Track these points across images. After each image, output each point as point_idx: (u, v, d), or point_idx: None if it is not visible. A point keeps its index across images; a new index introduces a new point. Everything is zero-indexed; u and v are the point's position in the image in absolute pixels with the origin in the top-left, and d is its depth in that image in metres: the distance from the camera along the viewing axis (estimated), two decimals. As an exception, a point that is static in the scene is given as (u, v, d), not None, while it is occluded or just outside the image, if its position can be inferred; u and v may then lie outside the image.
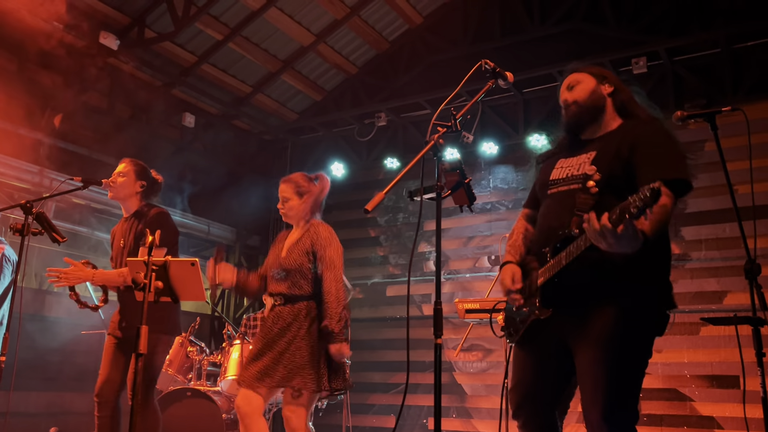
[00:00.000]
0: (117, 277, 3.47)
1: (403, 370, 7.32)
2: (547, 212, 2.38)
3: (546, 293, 2.24)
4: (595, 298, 2.17)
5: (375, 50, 8.10)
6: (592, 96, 2.41)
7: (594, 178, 2.18)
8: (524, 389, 2.38)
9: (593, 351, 2.14)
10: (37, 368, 5.78)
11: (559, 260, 2.17)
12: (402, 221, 7.86)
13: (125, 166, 3.76)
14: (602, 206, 2.07)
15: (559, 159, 2.46)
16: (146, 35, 6.60)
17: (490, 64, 2.40)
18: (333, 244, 3.36)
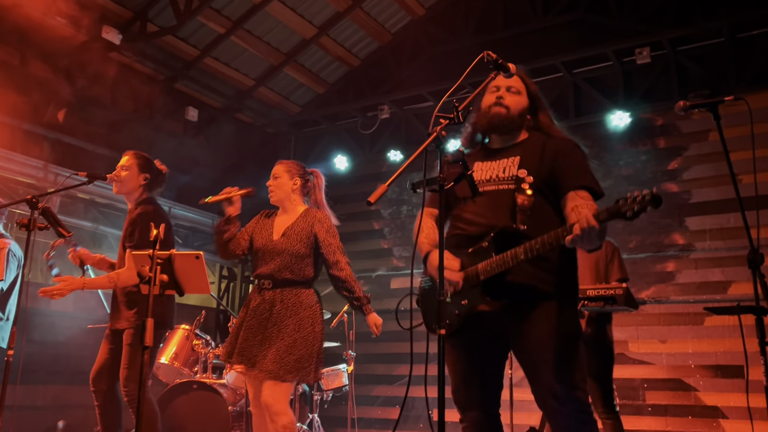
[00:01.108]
0: (107, 283, 3.51)
1: (407, 362, 7.35)
2: (474, 210, 2.42)
3: (491, 286, 2.30)
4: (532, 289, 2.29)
5: (377, 42, 8.09)
6: (520, 113, 2.52)
7: (527, 180, 2.36)
8: (465, 390, 2.40)
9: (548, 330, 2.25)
10: (43, 362, 5.82)
11: (516, 255, 2.23)
12: (406, 213, 7.87)
13: (128, 159, 3.77)
14: (537, 206, 2.34)
15: (475, 162, 2.53)
16: (148, 29, 6.60)
17: (492, 55, 2.39)
18: (335, 232, 3.43)
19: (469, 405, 2.39)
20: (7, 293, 4.31)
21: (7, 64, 6.01)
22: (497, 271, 2.27)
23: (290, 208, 3.48)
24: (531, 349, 2.28)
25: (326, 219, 3.43)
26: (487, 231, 2.35)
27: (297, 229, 3.36)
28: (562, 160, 2.39)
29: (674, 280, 6.25)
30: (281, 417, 3.13)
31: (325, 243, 3.35)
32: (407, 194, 7.83)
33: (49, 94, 6.37)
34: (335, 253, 3.35)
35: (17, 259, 4.37)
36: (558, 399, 2.21)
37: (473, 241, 2.38)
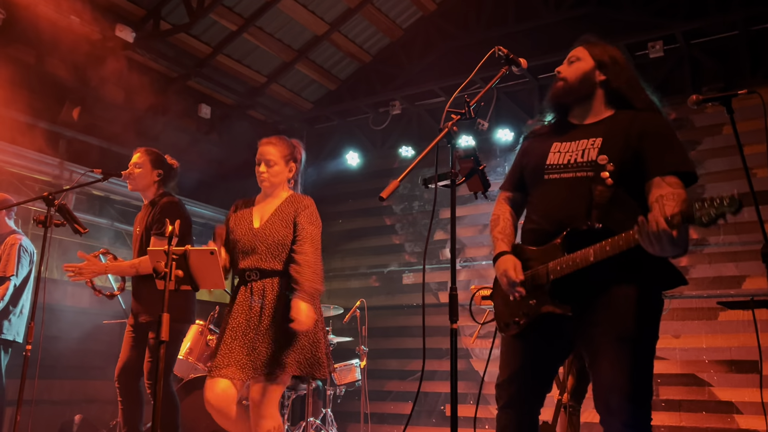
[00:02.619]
0: (129, 269, 3.55)
1: (419, 357, 7.37)
2: (550, 199, 2.27)
3: (560, 288, 2.18)
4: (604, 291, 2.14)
5: (389, 38, 8.09)
6: (582, 79, 2.35)
7: (608, 168, 2.14)
8: (517, 386, 2.31)
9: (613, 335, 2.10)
10: (60, 357, 5.89)
11: (585, 256, 2.09)
12: (417, 209, 7.88)
13: (140, 156, 3.80)
14: (618, 198, 2.11)
15: (553, 142, 2.36)
16: (161, 27, 6.64)
17: (503, 50, 2.40)
18: (317, 222, 3.13)
19: (511, 403, 2.31)
20: (20, 288, 4.38)
21: (23, 63, 6.07)
22: (566, 272, 2.14)
23: (276, 193, 3.20)
24: (594, 352, 2.14)
25: (311, 206, 3.14)
26: (561, 226, 2.20)
27: (281, 214, 3.09)
28: (650, 139, 2.16)
29: (688, 274, 6.20)
30: (268, 420, 2.85)
31: (299, 227, 3.04)
32: (419, 190, 7.84)
33: (64, 93, 6.42)
34: (304, 240, 3.01)
35: (29, 255, 4.43)
36: (611, 411, 2.07)
37: (547, 237, 2.24)
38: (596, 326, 2.14)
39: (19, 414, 3.19)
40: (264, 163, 3.16)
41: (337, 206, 8.48)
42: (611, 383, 2.07)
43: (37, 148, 6.17)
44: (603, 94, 2.36)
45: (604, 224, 2.09)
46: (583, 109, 2.38)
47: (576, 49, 2.44)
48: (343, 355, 6.30)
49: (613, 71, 2.35)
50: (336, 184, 8.40)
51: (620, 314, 2.11)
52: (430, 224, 2.39)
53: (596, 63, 2.36)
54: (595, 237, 2.09)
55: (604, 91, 2.36)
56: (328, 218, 8.54)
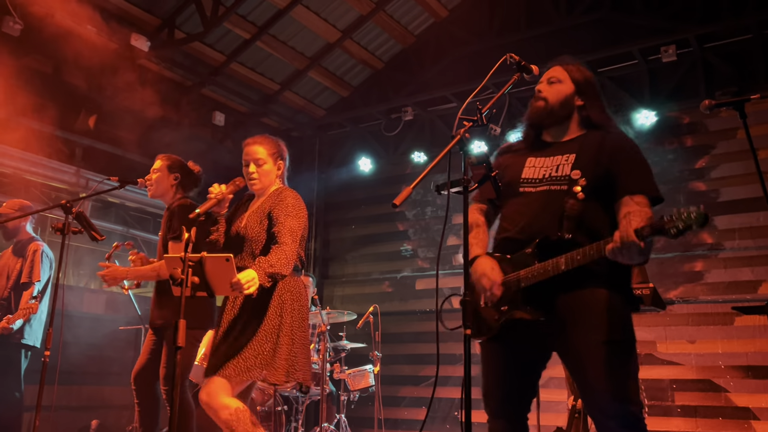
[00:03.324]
0: (150, 272, 3.57)
1: (433, 363, 7.36)
2: (523, 211, 2.35)
3: (531, 295, 2.25)
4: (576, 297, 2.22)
5: (401, 45, 8.12)
6: (563, 102, 2.44)
7: (580, 183, 2.25)
8: (501, 394, 2.35)
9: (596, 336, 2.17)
10: (76, 363, 5.96)
11: (557, 265, 2.18)
12: (430, 215, 7.89)
13: (159, 162, 3.86)
14: (588, 211, 2.23)
15: (528, 157, 2.46)
16: (176, 36, 6.72)
17: (515, 57, 2.41)
18: (298, 214, 2.97)
19: (498, 412, 2.35)
20: (41, 294, 4.43)
21: (41, 73, 6.16)
22: (537, 279, 2.22)
23: (266, 192, 3.13)
24: (577, 357, 2.21)
25: (289, 197, 3.01)
26: (533, 236, 2.28)
27: (260, 213, 3.02)
28: (621, 160, 2.28)
29: (703, 279, 6.17)
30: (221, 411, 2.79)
31: (277, 221, 2.93)
32: (431, 196, 7.85)
33: (81, 101, 6.51)
34: (282, 233, 2.88)
35: (50, 261, 4.49)
36: (604, 413, 2.14)
37: (519, 246, 2.32)
38: (575, 332, 2.20)
39: (38, 419, 3.23)
40: (253, 163, 3.08)
41: (349, 212, 8.51)
42: (602, 386, 2.13)
43: (54, 156, 6.27)
44: (578, 117, 2.46)
45: (573, 235, 2.20)
46: (558, 129, 2.48)
47: (554, 69, 2.51)
48: (356, 361, 6.31)
49: (590, 98, 2.46)
50: (349, 190, 8.43)
51: (597, 318, 2.19)
52: (443, 230, 2.40)
53: (576, 88, 2.46)
54: (565, 247, 2.20)
55: (579, 115, 2.46)
56: (340, 224, 8.58)
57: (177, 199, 3.78)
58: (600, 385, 2.13)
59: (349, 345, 5.78)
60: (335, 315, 5.78)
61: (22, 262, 4.41)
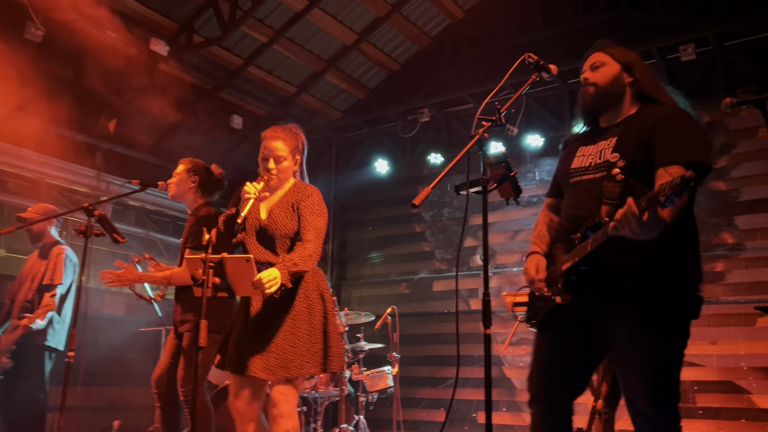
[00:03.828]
0: (162, 280, 3.62)
1: (451, 364, 7.35)
2: (573, 201, 2.36)
3: (570, 279, 2.26)
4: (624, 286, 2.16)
5: (417, 46, 8.13)
6: (613, 82, 2.40)
7: (618, 165, 2.20)
8: (544, 377, 2.36)
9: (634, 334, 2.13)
10: (98, 364, 6.03)
11: (584, 246, 2.18)
12: (447, 216, 7.88)
13: (181, 166, 3.91)
14: (630, 193, 2.10)
15: (579, 147, 2.45)
16: (194, 40, 6.78)
17: (533, 57, 2.42)
18: (321, 211, 2.98)
19: (536, 396, 2.36)
20: (64, 297, 4.50)
21: (62, 78, 6.25)
22: (571, 263, 2.24)
23: (282, 185, 3.09)
24: (617, 351, 2.19)
25: (314, 194, 3.02)
26: (577, 223, 2.28)
27: (285, 206, 2.99)
28: (659, 133, 2.19)
29: (724, 280, 6.10)
30: (287, 420, 2.78)
31: (303, 218, 2.93)
32: (448, 197, 7.84)
33: (101, 106, 6.60)
34: (308, 229, 2.89)
35: (73, 265, 4.56)
36: (640, 413, 2.12)
37: (567, 234, 2.34)
38: (620, 326, 2.16)
39: (62, 419, 3.27)
40: (273, 160, 3.00)
41: (366, 214, 8.53)
42: (638, 384, 2.10)
43: (75, 160, 6.35)
44: (630, 93, 2.41)
45: (611, 218, 2.10)
46: (613, 112, 2.42)
47: (595, 55, 2.48)
48: (374, 362, 6.32)
49: (640, 72, 2.41)
50: (365, 192, 8.45)
51: (643, 313, 2.12)
52: (462, 231, 2.41)
53: (622, 65, 2.42)
54: None
55: (632, 91, 2.40)
56: (357, 226, 8.60)
57: (200, 205, 3.81)
58: (639, 384, 2.10)
59: (367, 346, 5.78)
60: (353, 316, 5.79)
61: (46, 264, 4.47)
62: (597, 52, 2.47)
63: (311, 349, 2.82)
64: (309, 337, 2.83)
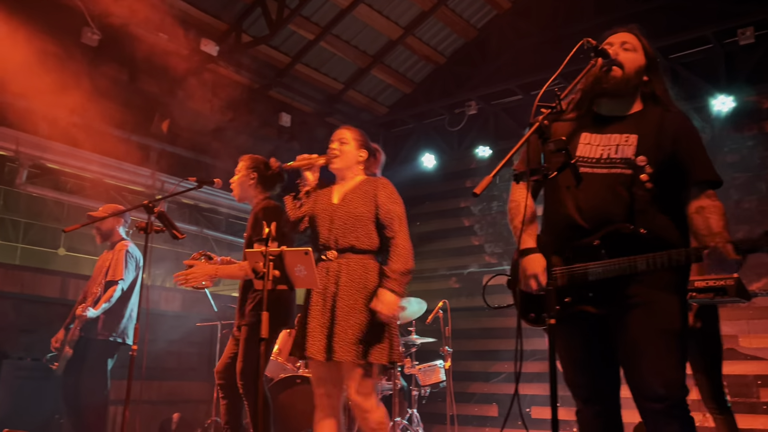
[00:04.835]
0: (239, 271, 3.62)
1: (502, 359, 7.29)
2: (583, 195, 2.25)
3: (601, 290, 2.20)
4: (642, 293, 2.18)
5: (463, 39, 8.07)
6: (637, 73, 2.32)
7: (647, 171, 2.18)
8: (589, 377, 2.30)
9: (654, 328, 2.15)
10: (157, 359, 6.18)
11: (634, 264, 2.13)
12: (497, 209, 7.81)
13: (240, 164, 3.94)
14: (656, 202, 2.17)
15: (582, 132, 2.35)
16: (243, 40, 6.88)
17: (591, 42, 2.35)
18: (399, 200, 3.15)
19: (588, 397, 2.31)
20: (128, 293, 4.63)
21: (118, 81, 6.43)
22: (609, 275, 2.17)
23: (350, 177, 3.25)
24: (630, 344, 2.18)
25: (390, 184, 3.19)
26: (598, 224, 2.21)
27: (359, 192, 3.14)
28: (685, 145, 2.22)
29: (788, 271, 5.89)
30: (373, 414, 2.95)
31: (384, 207, 3.07)
32: (497, 189, 7.76)
33: (154, 107, 6.76)
34: (392, 220, 3.06)
35: (135, 260, 4.69)
36: (657, 399, 2.11)
37: (581, 233, 2.25)
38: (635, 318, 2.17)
39: (127, 411, 3.37)
40: (337, 141, 3.25)
41: (414, 208, 8.51)
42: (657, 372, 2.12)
43: (131, 160, 6.52)
44: (641, 91, 2.37)
45: (649, 230, 2.14)
46: (618, 102, 2.36)
47: (625, 34, 2.38)
48: (426, 356, 6.31)
49: (657, 74, 2.37)
50: (413, 186, 8.44)
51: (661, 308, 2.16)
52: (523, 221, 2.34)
53: (647, 62, 2.35)
54: (638, 241, 2.14)
55: (642, 90, 2.36)
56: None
57: (260, 200, 3.83)
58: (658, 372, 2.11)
59: (419, 340, 5.78)
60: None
61: (110, 261, 4.62)
62: (628, 33, 2.38)
63: (381, 339, 2.94)
64: (380, 327, 2.94)
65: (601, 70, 2.31)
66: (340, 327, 2.93)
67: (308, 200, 3.20)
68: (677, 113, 2.31)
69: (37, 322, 5.56)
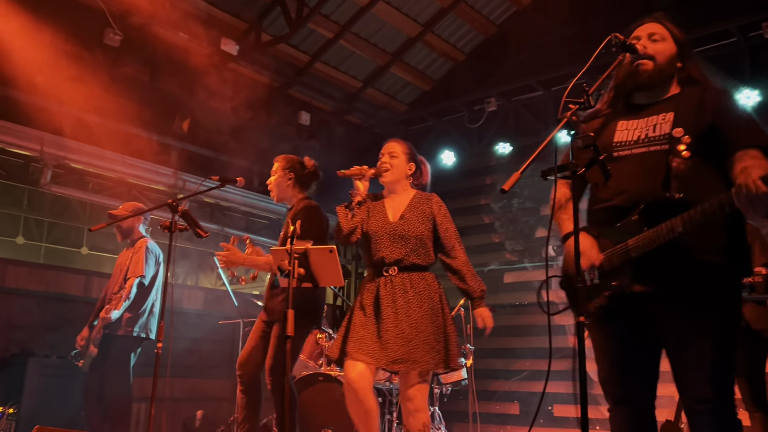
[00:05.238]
0: (264, 264, 3.64)
1: (524, 357, 7.25)
2: (625, 177, 2.20)
3: (644, 264, 2.12)
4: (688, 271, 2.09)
5: (482, 35, 8.03)
6: (669, 63, 2.30)
7: (684, 141, 2.12)
8: (622, 376, 2.23)
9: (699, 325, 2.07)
10: (180, 356, 6.23)
11: (672, 228, 2.04)
12: (517, 207, 7.77)
13: (275, 164, 3.94)
14: (695, 170, 2.10)
15: (618, 121, 2.33)
16: (263, 39, 6.90)
17: (619, 37, 2.32)
18: (452, 220, 3.32)
19: (620, 397, 2.24)
20: (149, 287, 4.66)
21: (139, 81, 6.49)
22: (651, 247, 2.09)
23: (400, 190, 3.35)
24: (675, 338, 2.11)
25: (443, 203, 3.34)
26: (637, 201, 2.15)
27: (416, 211, 3.25)
28: (726, 114, 2.17)
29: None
30: (423, 414, 3.08)
31: (442, 227, 3.23)
32: (518, 187, 7.71)
33: (175, 106, 6.82)
34: (451, 239, 3.23)
35: (155, 255, 4.71)
36: (700, 401, 2.05)
37: (622, 214, 2.20)
38: (681, 311, 2.09)
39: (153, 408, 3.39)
40: (387, 155, 3.35)
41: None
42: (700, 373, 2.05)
43: (153, 159, 6.58)
44: (677, 78, 2.34)
45: (685, 194, 2.07)
46: (653, 91, 2.33)
47: (652, 25, 2.36)
48: (447, 355, 6.29)
49: (690, 59, 2.34)
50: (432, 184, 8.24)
51: (706, 301, 2.07)
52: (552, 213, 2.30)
53: (678, 50, 2.33)
54: (676, 208, 2.06)
55: (678, 76, 2.34)
56: (426, 219, 8.58)
57: (300, 200, 3.83)
58: (701, 373, 2.04)
59: (440, 338, 5.76)
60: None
61: (131, 258, 4.66)
62: (654, 23, 2.36)
63: (435, 347, 3.03)
64: (434, 336, 3.05)
65: (632, 66, 2.29)
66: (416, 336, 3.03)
67: (359, 211, 3.28)
68: (716, 89, 2.27)
69: (62, 319, 5.64)
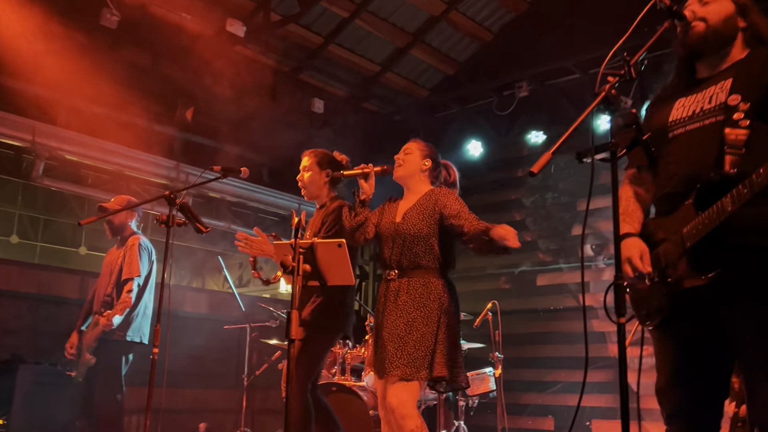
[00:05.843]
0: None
1: (559, 366, 7.12)
2: (677, 158, 2.16)
3: (699, 254, 2.03)
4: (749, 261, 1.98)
5: (513, 12, 7.88)
6: (725, 23, 2.21)
7: (741, 108, 2.03)
8: (681, 389, 2.15)
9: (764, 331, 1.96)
10: (181, 365, 6.20)
11: (722, 208, 1.95)
12: (551, 201, 7.62)
13: (307, 159, 3.89)
14: (755, 139, 2.00)
15: (677, 99, 2.28)
16: (272, 19, 6.84)
17: (665, 2, 2.22)
18: (463, 203, 3.27)
19: (675, 412, 2.17)
20: (142, 288, 4.63)
21: (138, 65, 6.47)
22: (703, 232, 2.00)
23: (414, 188, 3.42)
24: (745, 342, 2.00)
25: (452, 192, 3.34)
26: (690, 183, 2.08)
27: (420, 208, 3.30)
28: None
29: None
30: (408, 421, 3.08)
31: (453, 211, 3.19)
32: (552, 180, 7.58)
33: (178, 93, 6.79)
34: (459, 216, 3.17)
35: (148, 252, 4.69)
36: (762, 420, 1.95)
37: (679, 200, 2.12)
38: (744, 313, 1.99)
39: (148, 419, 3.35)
40: (402, 152, 3.46)
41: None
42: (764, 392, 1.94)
43: (154, 151, 6.57)
44: (742, 39, 2.24)
45: (740, 169, 1.96)
46: (716, 58, 2.25)
47: None
48: (474, 364, 6.18)
49: (754, 15, 2.25)
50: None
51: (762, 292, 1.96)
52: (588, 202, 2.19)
53: (737, 5, 2.24)
54: (732, 186, 1.95)
55: (744, 36, 2.24)
56: (450, 215, 8.48)
57: (332, 199, 3.82)
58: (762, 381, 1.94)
59: (466, 345, 5.67)
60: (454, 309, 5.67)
61: (123, 256, 4.63)
62: None
63: (414, 354, 3.07)
64: (415, 343, 3.08)
65: (682, 33, 2.22)
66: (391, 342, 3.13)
67: (364, 210, 3.37)
68: None
69: (56, 324, 5.63)
